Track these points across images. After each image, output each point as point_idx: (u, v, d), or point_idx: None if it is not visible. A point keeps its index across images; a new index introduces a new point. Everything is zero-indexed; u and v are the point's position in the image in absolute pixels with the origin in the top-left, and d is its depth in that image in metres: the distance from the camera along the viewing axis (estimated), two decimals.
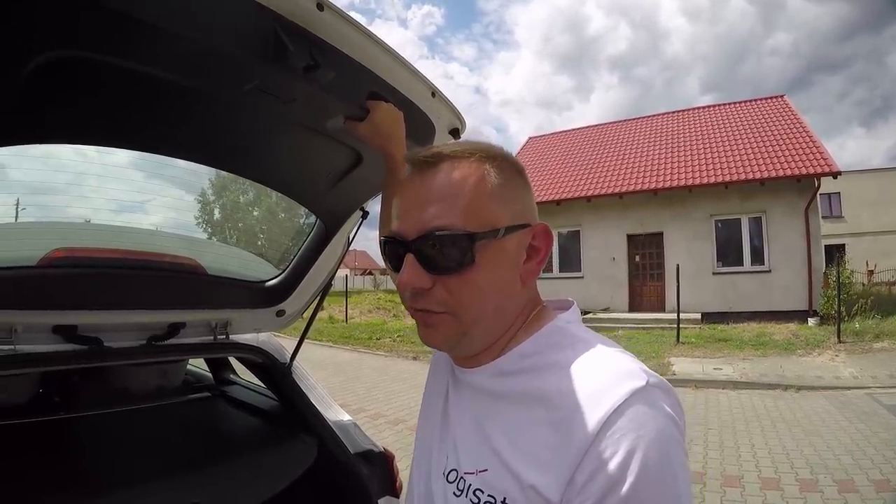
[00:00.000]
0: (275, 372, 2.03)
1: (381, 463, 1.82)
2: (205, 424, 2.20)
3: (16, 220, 1.53)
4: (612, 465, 0.52)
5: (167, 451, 1.78)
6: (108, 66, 0.88)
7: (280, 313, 2.00)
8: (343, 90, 1.07)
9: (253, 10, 0.87)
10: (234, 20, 0.87)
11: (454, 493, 0.65)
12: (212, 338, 1.88)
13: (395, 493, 1.78)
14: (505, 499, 0.59)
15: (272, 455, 1.82)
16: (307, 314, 2.10)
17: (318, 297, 2.03)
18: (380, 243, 0.74)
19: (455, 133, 1.47)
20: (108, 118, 1.10)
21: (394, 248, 0.68)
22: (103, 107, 1.05)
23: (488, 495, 0.61)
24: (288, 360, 2.06)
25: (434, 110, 1.33)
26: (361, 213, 1.76)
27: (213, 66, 0.93)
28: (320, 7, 0.91)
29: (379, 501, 1.73)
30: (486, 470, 0.63)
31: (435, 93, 1.27)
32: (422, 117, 1.31)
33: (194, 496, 1.44)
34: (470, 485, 0.64)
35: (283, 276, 1.92)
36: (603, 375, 0.59)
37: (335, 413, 1.97)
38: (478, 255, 0.64)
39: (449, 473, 0.68)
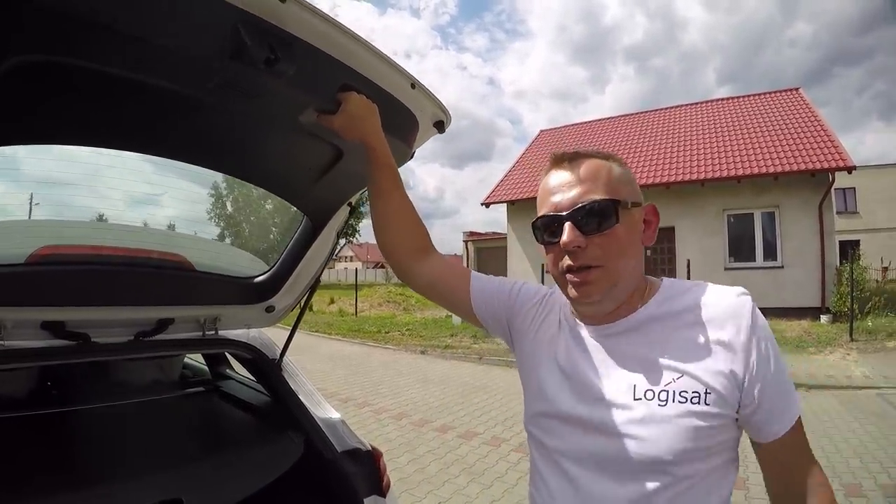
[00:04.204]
0: (264, 367, 2.02)
1: (369, 461, 1.81)
2: (195, 419, 2.20)
3: (3, 218, 1.54)
4: (765, 344, 0.86)
5: (155, 446, 1.78)
6: (61, 68, 0.85)
7: (269, 309, 1.98)
8: (311, 83, 1.03)
9: (213, 5, 0.84)
10: (193, 16, 0.84)
11: (658, 405, 0.84)
12: (200, 333, 1.86)
13: (382, 492, 1.76)
14: (706, 388, 0.83)
15: (258, 451, 1.81)
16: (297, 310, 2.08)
17: (308, 293, 2.01)
18: (533, 225, 0.95)
19: (440, 126, 1.42)
20: (74, 118, 1.07)
21: (551, 221, 0.90)
22: (66, 107, 1.02)
23: (693, 392, 0.83)
24: (278, 355, 2.05)
25: (416, 102, 1.29)
26: (349, 207, 1.73)
27: (175, 64, 0.90)
28: None
29: (365, 500, 1.71)
30: (681, 376, 0.85)
31: (415, 84, 1.23)
32: (403, 110, 1.28)
33: (179, 490, 1.43)
34: (673, 391, 0.84)
35: (271, 271, 1.90)
36: (729, 295, 0.91)
37: (324, 410, 1.96)
38: (620, 217, 0.87)
39: (646, 393, 0.86)
